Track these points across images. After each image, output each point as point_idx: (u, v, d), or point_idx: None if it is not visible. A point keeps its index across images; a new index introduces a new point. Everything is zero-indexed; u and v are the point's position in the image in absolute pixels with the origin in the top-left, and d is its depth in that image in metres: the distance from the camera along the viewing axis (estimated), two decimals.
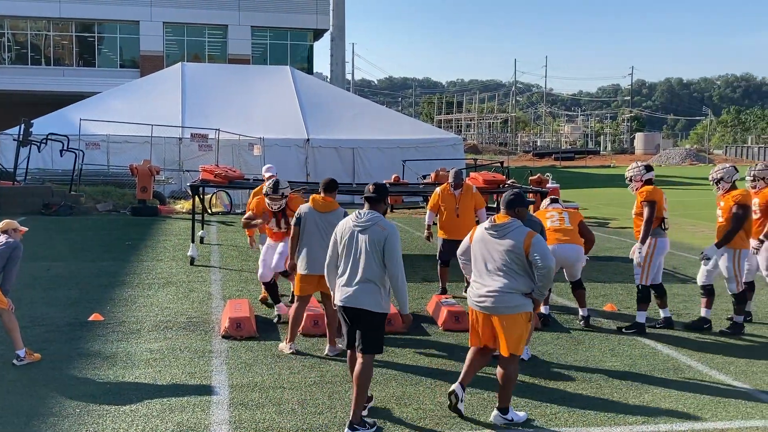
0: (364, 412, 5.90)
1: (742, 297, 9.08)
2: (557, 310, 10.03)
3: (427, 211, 11.19)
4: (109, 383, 6.74)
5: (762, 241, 9.27)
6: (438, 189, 10.94)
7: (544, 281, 5.84)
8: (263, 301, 10.07)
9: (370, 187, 6.23)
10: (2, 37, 47.86)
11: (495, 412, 6.05)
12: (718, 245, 8.90)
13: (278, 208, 9.05)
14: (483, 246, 6.11)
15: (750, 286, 9.53)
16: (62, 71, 47.23)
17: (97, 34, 48.71)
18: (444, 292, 10.61)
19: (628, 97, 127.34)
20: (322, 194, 7.87)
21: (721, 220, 9.02)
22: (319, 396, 6.50)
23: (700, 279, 9.18)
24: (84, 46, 48.83)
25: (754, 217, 9.25)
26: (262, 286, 9.83)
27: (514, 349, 5.92)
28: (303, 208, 7.88)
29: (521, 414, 6.06)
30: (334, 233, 6.15)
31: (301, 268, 7.78)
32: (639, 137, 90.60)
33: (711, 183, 9.24)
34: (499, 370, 6.01)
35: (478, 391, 6.73)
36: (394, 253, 5.85)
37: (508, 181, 16.99)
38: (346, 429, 5.65)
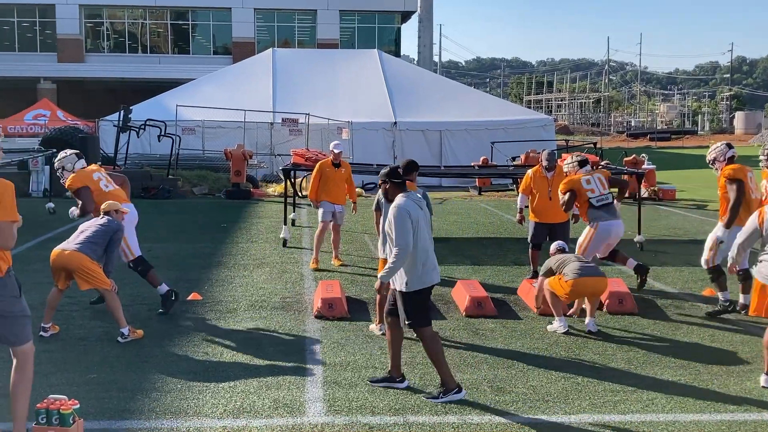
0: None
1: (748, 274, 8.72)
2: (653, 294, 9.78)
3: (519, 194, 11.06)
4: (208, 360, 6.97)
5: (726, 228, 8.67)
6: (530, 171, 10.79)
7: None
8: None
9: (399, 170, 6.35)
10: (101, 26, 49.69)
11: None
12: (727, 225, 8.54)
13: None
14: None
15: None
16: (158, 59, 48.68)
17: (191, 22, 50.01)
18: (536, 275, 10.47)
19: (728, 75, 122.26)
20: None
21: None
22: (410, 376, 6.54)
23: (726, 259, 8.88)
24: (178, 33, 50.21)
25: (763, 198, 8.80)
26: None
27: None
28: (382, 192, 7.89)
29: None
30: (406, 216, 6.01)
31: (382, 252, 7.81)
32: (739, 116, 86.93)
33: (710, 166, 9.02)
34: None
35: (571, 376, 6.65)
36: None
37: (602, 163, 16.63)
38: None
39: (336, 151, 11.48)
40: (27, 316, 4.96)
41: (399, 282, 6.09)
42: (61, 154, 8.54)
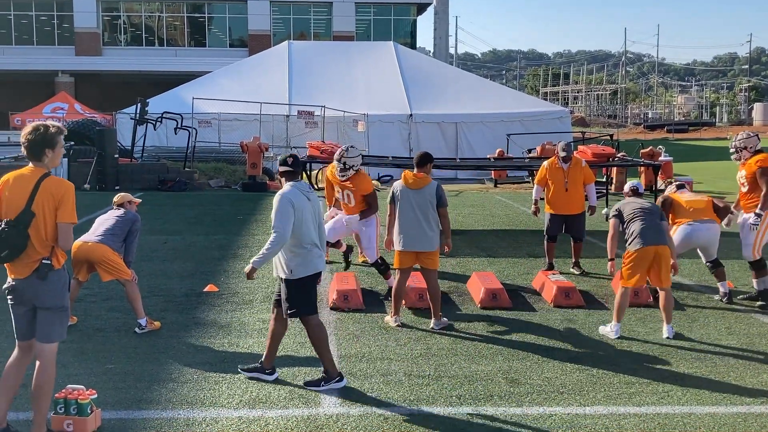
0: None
1: (758, 264, 8.71)
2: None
3: (535, 186, 11.03)
4: (224, 351, 7.02)
5: (759, 215, 8.60)
6: (546, 163, 10.76)
7: None
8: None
9: (290, 158, 6.28)
10: (118, 19, 49.95)
11: None
12: (763, 208, 8.51)
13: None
14: None
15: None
16: (174, 51, 48.91)
17: (207, 15, 50.16)
18: (551, 267, 10.46)
19: (746, 66, 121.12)
20: (414, 170, 7.83)
21: (744, 189, 8.76)
22: (425, 368, 6.56)
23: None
24: (195, 26, 50.38)
25: (743, 190, 8.81)
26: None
27: None
28: (396, 185, 7.88)
29: None
30: (288, 204, 5.98)
31: (397, 245, 7.83)
32: (758, 108, 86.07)
33: (732, 151, 8.92)
34: None
35: (586, 368, 6.65)
36: None
37: (618, 155, 16.56)
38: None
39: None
40: (67, 314, 5.04)
41: (283, 270, 6.06)
42: None
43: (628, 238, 7.68)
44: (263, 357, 6.31)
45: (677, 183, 9.71)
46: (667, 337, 7.51)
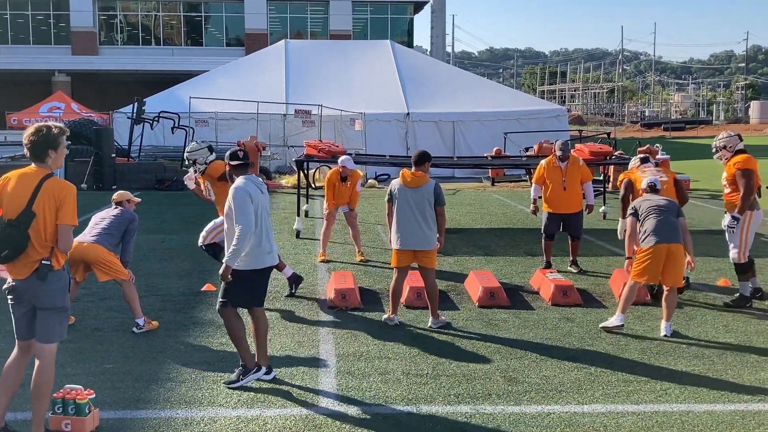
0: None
1: (743, 267, 8.64)
2: None
3: (533, 185, 11.03)
4: (222, 351, 7.01)
5: (735, 218, 8.52)
6: (543, 161, 10.76)
7: None
8: None
9: (240, 152, 6.35)
10: (114, 18, 49.87)
11: None
12: (740, 211, 8.44)
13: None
14: None
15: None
16: (171, 51, 48.83)
17: (204, 14, 50.09)
18: (549, 266, 10.47)
19: (743, 64, 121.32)
20: (412, 169, 7.82)
21: (727, 191, 8.70)
22: (423, 367, 6.56)
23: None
24: (191, 25, 50.31)
25: (725, 191, 8.77)
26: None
27: None
28: (394, 184, 7.86)
29: None
30: (247, 197, 5.99)
31: (395, 244, 7.82)
32: (755, 106, 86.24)
33: (714, 151, 8.89)
34: None
35: (584, 366, 6.65)
36: None
37: (615, 153, 16.57)
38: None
39: (345, 166, 11.43)
40: (67, 315, 5.03)
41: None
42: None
43: (642, 235, 7.65)
44: (241, 359, 6.21)
45: (641, 156, 9.62)
46: (665, 335, 7.51)
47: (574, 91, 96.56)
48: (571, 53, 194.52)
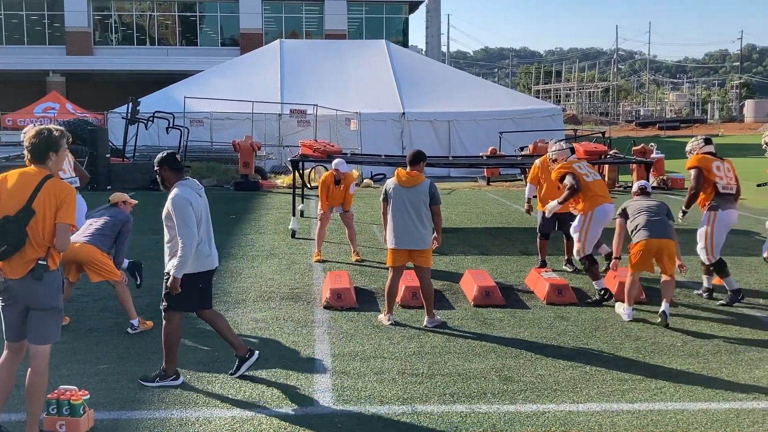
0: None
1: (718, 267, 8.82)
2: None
3: (527, 184, 11.03)
4: (216, 351, 7.00)
5: (684, 212, 9.06)
6: (538, 161, 10.76)
7: None
8: None
9: (177, 155, 6.30)
10: (109, 18, 49.80)
11: None
12: (686, 206, 8.97)
13: None
14: None
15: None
16: (166, 50, 48.79)
17: (198, 14, 50.05)
18: (543, 265, 10.48)
19: (737, 63, 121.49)
20: (407, 168, 7.82)
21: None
22: (418, 366, 6.56)
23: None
24: (186, 25, 50.27)
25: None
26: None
27: None
28: (389, 183, 7.86)
29: None
30: (187, 205, 5.98)
31: (390, 243, 7.81)
32: (749, 104, 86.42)
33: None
34: None
35: (579, 365, 6.66)
36: None
37: (610, 152, 16.60)
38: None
39: (339, 169, 11.41)
40: (61, 315, 5.01)
41: (170, 263, 6.01)
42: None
43: (633, 231, 7.86)
44: (165, 362, 6.16)
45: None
46: (663, 311, 7.77)
47: (569, 90, 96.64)
48: (566, 53, 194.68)
